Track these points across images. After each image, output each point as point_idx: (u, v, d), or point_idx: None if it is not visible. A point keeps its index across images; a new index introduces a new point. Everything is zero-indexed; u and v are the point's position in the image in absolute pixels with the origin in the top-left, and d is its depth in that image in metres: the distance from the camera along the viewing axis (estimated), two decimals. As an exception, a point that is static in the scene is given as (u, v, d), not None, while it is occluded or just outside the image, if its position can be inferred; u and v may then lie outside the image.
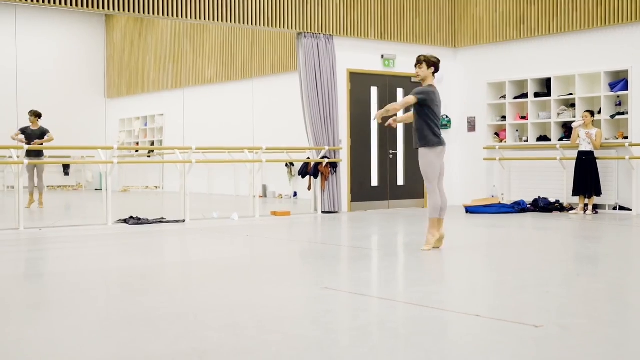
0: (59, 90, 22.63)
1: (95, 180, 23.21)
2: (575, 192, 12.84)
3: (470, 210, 13.36)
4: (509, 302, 5.31)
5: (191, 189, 19.85)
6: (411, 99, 7.79)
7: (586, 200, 12.83)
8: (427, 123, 7.82)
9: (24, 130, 14.85)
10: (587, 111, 12.67)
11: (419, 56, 7.96)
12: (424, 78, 7.91)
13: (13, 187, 19.48)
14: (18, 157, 11.29)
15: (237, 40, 18.62)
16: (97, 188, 23.28)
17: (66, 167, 21.58)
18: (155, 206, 16.22)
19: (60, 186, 22.71)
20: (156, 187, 22.43)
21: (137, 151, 22.95)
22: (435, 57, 7.98)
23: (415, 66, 7.96)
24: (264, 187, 18.45)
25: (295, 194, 17.57)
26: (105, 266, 7.32)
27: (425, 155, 7.86)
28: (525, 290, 5.72)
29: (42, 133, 14.81)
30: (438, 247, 8.04)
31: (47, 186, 21.68)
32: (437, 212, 7.92)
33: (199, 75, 20.08)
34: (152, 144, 22.47)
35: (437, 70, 7.92)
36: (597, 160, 12.69)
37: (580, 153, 12.75)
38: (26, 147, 11.77)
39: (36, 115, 14.90)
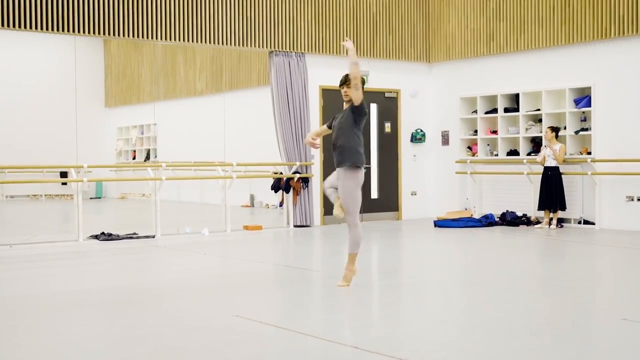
0: (61, 99, 23.17)
1: (90, 189, 23.71)
2: (541, 207, 13.11)
3: (438, 224, 13.65)
4: (387, 331, 5.63)
5: (183, 198, 20.37)
6: (359, 91, 7.25)
7: (551, 215, 13.07)
8: (361, 140, 7.31)
9: None
10: (549, 127, 12.94)
11: (348, 74, 7.33)
12: (352, 99, 7.33)
13: None
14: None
15: (224, 53, 19.00)
16: (92, 197, 23.81)
17: (63, 176, 22.06)
18: (137, 217, 16.58)
19: (58, 195, 23.23)
20: (150, 195, 22.87)
21: (134, 158, 23.47)
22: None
23: (342, 86, 7.37)
24: (252, 197, 18.83)
25: (281, 204, 17.90)
26: (40, 291, 7.71)
27: (355, 177, 7.20)
28: (419, 319, 6.04)
29: None
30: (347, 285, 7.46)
31: (46, 195, 22.28)
32: (358, 246, 7.39)
33: (190, 87, 20.51)
34: (148, 152, 22.96)
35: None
36: (562, 176, 12.94)
37: (546, 168, 13.01)
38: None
39: None
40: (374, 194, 14.99)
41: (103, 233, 12.05)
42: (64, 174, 22.14)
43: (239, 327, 5.82)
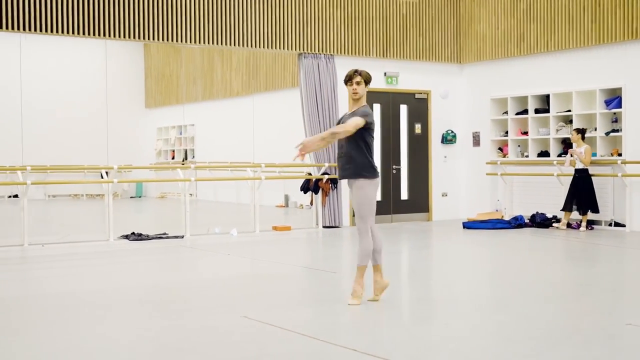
0: (103, 100, 23.66)
1: (131, 188, 24.16)
2: (564, 207, 13.04)
3: (467, 225, 13.64)
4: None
5: (219, 198, 20.64)
6: (360, 121, 6.70)
7: (581, 217, 12.98)
8: (366, 150, 6.80)
9: None
10: (574, 129, 12.84)
11: (357, 70, 6.99)
12: (361, 97, 7.00)
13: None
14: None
15: (260, 53, 19.18)
16: (132, 196, 24.24)
17: (105, 176, 22.47)
18: (172, 216, 16.82)
19: (98, 195, 23.67)
20: (190, 195, 23.19)
21: (173, 158, 23.85)
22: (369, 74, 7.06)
23: (350, 82, 6.97)
24: (286, 197, 19.01)
25: (311, 205, 18.02)
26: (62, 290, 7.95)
27: (363, 187, 6.74)
28: (431, 327, 6.10)
29: None
30: (377, 299, 6.88)
31: (87, 194, 22.74)
32: (369, 257, 6.79)
33: (226, 88, 20.76)
34: (186, 152, 23.30)
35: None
36: (592, 177, 12.83)
37: (575, 170, 12.92)
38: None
39: None
40: (404, 195, 15.02)
41: (133, 233, 12.30)
42: (107, 175, 22.60)
43: (244, 328, 5.94)
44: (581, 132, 12.79)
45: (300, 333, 5.71)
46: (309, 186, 13.96)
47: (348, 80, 7.03)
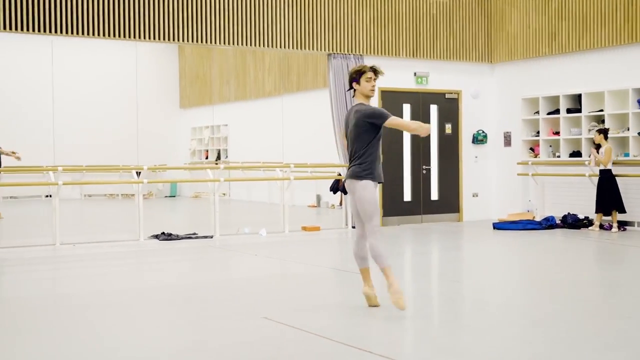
0: (140, 101, 24.03)
1: (166, 188, 24.40)
2: (595, 209, 12.93)
3: (497, 226, 13.55)
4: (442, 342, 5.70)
5: (253, 197, 20.74)
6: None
7: (610, 218, 12.84)
8: (379, 151, 6.62)
9: None
10: (597, 130, 12.73)
11: (374, 66, 6.63)
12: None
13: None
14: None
15: (292, 54, 19.25)
16: (167, 195, 24.48)
17: (138, 176, 22.73)
18: (204, 216, 16.95)
19: (133, 194, 23.93)
20: (224, 194, 23.38)
21: (206, 157, 24.05)
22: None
23: (374, 79, 6.61)
24: (318, 197, 19.07)
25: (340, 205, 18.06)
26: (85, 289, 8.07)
27: (368, 187, 6.48)
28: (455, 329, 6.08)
29: None
30: (378, 304, 6.71)
31: (122, 194, 23.04)
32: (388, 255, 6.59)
33: (259, 89, 20.85)
34: (219, 152, 23.47)
35: None
36: (621, 178, 12.69)
37: (599, 171, 12.83)
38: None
39: None
40: (434, 196, 14.97)
41: (163, 233, 12.43)
42: (138, 175, 22.86)
43: (263, 329, 5.98)
44: (603, 132, 12.66)
45: (319, 335, 5.73)
46: (338, 186, 13.98)
47: (373, 73, 6.56)
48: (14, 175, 17.16)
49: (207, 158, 24.01)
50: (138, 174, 22.49)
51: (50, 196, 22.56)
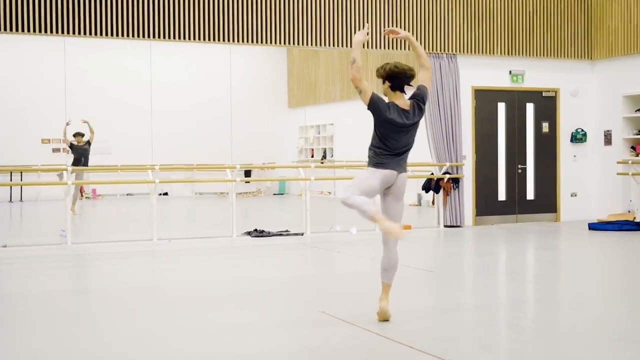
0: (251, 101, 24.87)
1: (274, 185, 25.02)
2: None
3: (592, 227, 13.25)
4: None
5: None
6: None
7: None
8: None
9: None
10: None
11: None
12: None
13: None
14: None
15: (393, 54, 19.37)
16: (275, 193, 25.08)
17: (247, 175, 23.43)
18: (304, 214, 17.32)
19: (240, 193, 24.69)
20: (329, 193, 23.75)
21: (312, 156, 24.49)
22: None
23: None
24: (419, 196, 19.13)
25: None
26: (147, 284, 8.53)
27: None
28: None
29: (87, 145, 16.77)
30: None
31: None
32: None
33: (362, 88, 21.06)
34: (325, 151, 23.86)
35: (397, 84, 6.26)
36: None
37: None
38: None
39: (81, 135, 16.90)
40: (530, 195, 14.75)
41: (255, 230, 12.85)
42: (248, 173, 23.59)
43: (316, 322, 6.21)
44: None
45: (369, 330, 5.91)
46: (430, 185, 14.03)
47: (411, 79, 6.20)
48: (123, 173, 18.16)
49: (312, 157, 24.46)
50: (249, 173, 23.31)
51: (166, 194, 23.82)
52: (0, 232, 14.49)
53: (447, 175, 13.77)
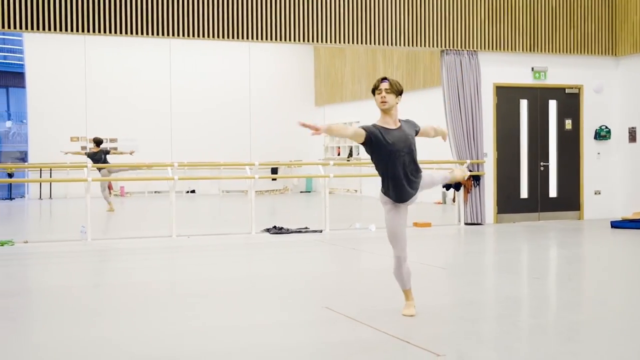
0: (279, 99, 25.01)
1: (301, 183, 25.07)
2: None
3: (615, 225, 13.09)
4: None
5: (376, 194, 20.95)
6: (360, 131, 6.04)
7: None
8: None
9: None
10: None
11: (385, 78, 6.06)
12: (391, 107, 6.04)
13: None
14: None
15: (419, 52, 19.31)
16: (302, 190, 25.13)
17: (274, 172, 23.51)
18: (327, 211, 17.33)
19: (267, 191, 24.79)
20: (355, 191, 23.75)
21: (338, 154, 24.49)
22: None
23: (380, 90, 6.00)
24: (443, 194, 19.06)
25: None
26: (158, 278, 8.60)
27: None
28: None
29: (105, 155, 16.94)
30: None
31: (256, 191, 23.91)
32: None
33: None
34: (350, 149, 23.84)
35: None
36: None
37: None
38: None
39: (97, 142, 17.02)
40: (553, 193, 14.61)
41: (274, 227, 12.89)
42: (274, 171, 23.67)
43: (321, 318, 6.22)
44: None
45: (370, 326, 5.91)
46: (451, 183, 13.95)
47: (375, 89, 6.08)
48: (145, 171, 18.34)
49: (339, 154, 24.47)
50: (276, 170, 23.37)
51: (193, 191, 23.98)
52: (25, 229, 14.73)
53: (468, 173, 13.67)
